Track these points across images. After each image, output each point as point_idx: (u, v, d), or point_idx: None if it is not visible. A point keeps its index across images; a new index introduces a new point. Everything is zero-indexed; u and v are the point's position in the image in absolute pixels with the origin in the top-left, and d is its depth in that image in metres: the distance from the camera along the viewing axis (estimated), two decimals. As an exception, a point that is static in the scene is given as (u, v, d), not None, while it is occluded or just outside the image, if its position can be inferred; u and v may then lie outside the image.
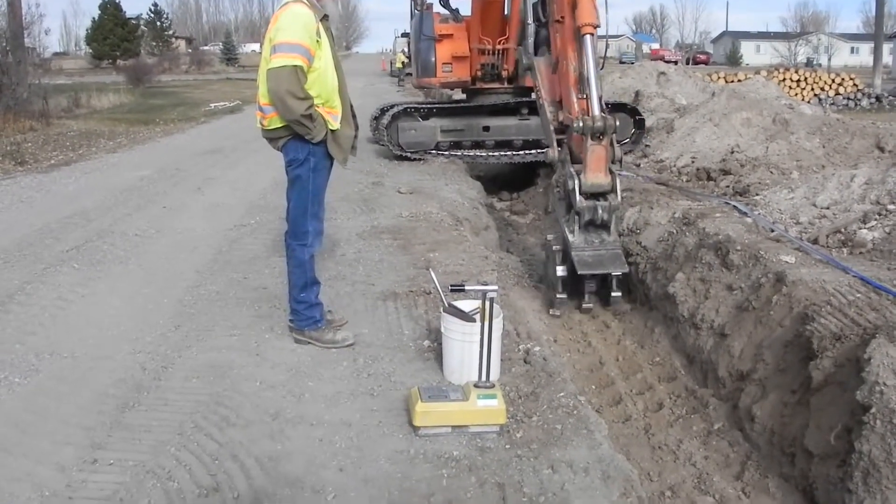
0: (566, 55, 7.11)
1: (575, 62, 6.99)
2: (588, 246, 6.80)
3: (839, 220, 6.91)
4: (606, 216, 6.77)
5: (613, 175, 6.78)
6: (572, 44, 7.01)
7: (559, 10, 7.24)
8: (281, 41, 4.54)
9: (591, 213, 6.73)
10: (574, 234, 6.81)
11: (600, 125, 6.61)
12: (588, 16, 6.77)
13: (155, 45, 70.72)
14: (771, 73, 32.12)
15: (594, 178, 6.72)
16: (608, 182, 6.75)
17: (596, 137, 6.67)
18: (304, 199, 4.83)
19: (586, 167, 6.71)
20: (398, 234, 7.70)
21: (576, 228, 6.81)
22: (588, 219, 6.76)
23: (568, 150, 7.16)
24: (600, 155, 6.71)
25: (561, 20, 7.21)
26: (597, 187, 6.74)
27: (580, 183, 6.71)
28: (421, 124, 12.59)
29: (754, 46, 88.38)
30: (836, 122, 11.61)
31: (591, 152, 6.68)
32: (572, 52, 7.01)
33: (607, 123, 6.64)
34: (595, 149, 6.69)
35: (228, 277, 6.51)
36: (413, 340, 5.11)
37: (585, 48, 6.75)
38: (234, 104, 27.69)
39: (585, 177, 6.72)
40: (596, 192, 6.77)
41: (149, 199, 9.98)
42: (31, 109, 20.03)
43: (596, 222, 6.80)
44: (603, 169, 6.74)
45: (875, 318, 4.78)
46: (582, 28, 6.76)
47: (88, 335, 5.31)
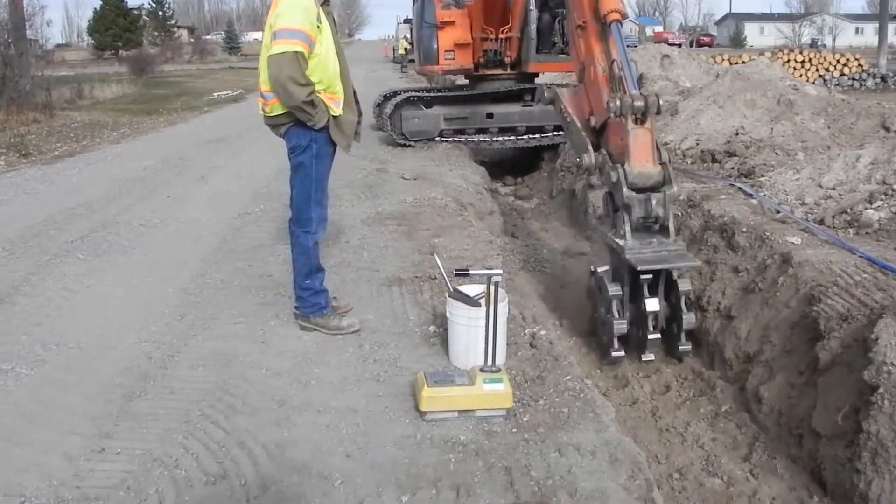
0: (593, 58, 6.21)
1: (603, 62, 6.10)
2: (644, 247, 5.45)
3: (845, 200, 6.88)
4: (662, 211, 5.41)
5: (665, 164, 5.52)
6: (599, 44, 6.22)
7: (580, 16, 6.47)
8: (281, 27, 4.51)
9: (643, 208, 5.40)
10: (625, 238, 5.44)
11: (641, 103, 5.44)
12: (613, 2, 6.02)
13: (157, 36, 70.58)
14: (775, 54, 31.94)
15: (641, 166, 5.46)
16: (658, 172, 5.49)
17: (637, 119, 5.52)
18: (307, 185, 4.82)
19: (629, 156, 5.47)
20: (403, 220, 7.69)
21: (626, 229, 5.43)
22: (639, 215, 5.42)
23: (607, 154, 5.85)
24: (645, 140, 5.51)
25: (582, 25, 6.43)
26: (645, 178, 5.46)
27: (625, 174, 5.45)
28: (424, 112, 12.57)
29: (758, 28, 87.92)
30: (842, 102, 11.53)
31: (633, 137, 5.47)
32: (600, 53, 6.18)
33: (649, 101, 5.46)
34: (638, 133, 5.48)
35: (233, 266, 6.51)
36: (419, 326, 5.11)
37: (614, 37, 5.97)
38: (237, 93, 27.70)
39: (630, 166, 5.45)
40: (645, 186, 5.48)
41: (153, 188, 9.98)
42: (34, 101, 20.08)
43: (649, 219, 5.46)
44: (650, 156, 5.51)
45: (882, 297, 4.77)
46: (608, 16, 5.97)
47: (94, 325, 5.31)
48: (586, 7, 6.30)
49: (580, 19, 6.40)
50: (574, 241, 8.82)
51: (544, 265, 7.98)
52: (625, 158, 5.51)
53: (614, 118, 5.68)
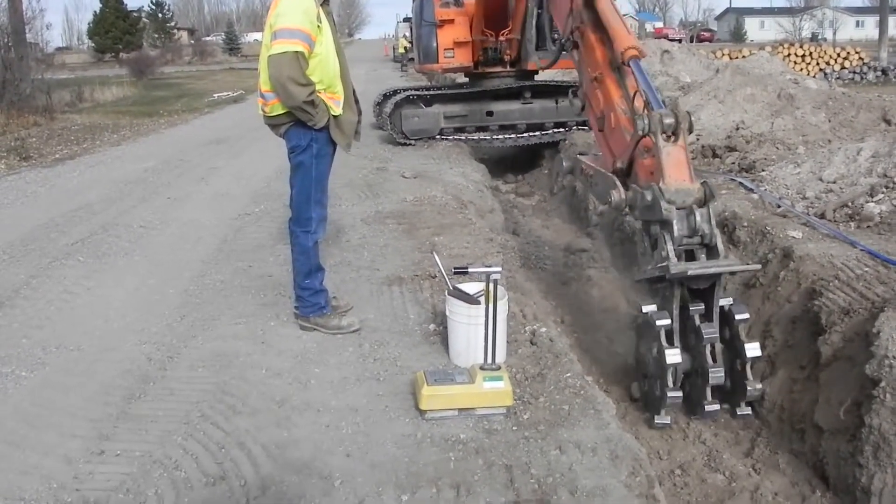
0: (612, 106, 5.71)
1: (624, 105, 5.59)
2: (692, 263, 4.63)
3: (846, 194, 6.87)
4: (707, 227, 4.61)
5: (705, 182, 4.76)
6: (617, 91, 5.70)
7: (593, 70, 6.02)
8: (281, 27, 4.50)
9: (686, 224, 4.61)
10: (668, 258, 4.56)
11: (671, 121, 4.76)
12: (627, 40, 5.49)
13: (157, 38, 70.68)
14: (776, 48, 31.96)
15: (677, 183, 4.69)
16: (698, 189, 4.70)
17: (668, 137, 4.82)
18: (307, 185, 4.81)
19: (664, 174, 4.73)
20: (403, 219, 7.68)
21: (669, 248, 4.57)
22: (683, 233, 4.61)
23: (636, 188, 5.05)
24: (679, 157, 4.79)
25: (598, 77, 5.96)
26: (684, 195, 4.66)
27: (661, 190, 4.66)
28: (424, 111, 12.55)
29: (758, 22, 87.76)
30: (842, 95, 11.54)
31: (665, 154, 4.76)
32: (619, 98, 5.67)
33: (680, 115, 4.80)
34: (670, 150, 4.78)
35: (233, 266, 6.50)
36: (419, 324, 5.10)
37: (635, 72, 5.36)
38: (238, 94, 27.70)
39: (665, 184, 4.69)
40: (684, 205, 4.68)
41: (153, 190, 9.98)
42: (34, 105, 20.09)
43: (694, 237, 4.65)
44: (687, 174, 4.76)
45: (883, 291, 4.77)
46: (625, 52, 5.41)
47: (94, 327, 5.31)
48: (600, 59, 5.92)
49: (595, 72, 6.01)
50: (575, 238, 8.80)
51: (545, 262, 7.97)
52: (658, 180, 4.80)
53: (640, 148, 5.15)
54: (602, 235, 8.45)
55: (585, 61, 6.21)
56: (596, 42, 5.97)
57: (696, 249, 4.70)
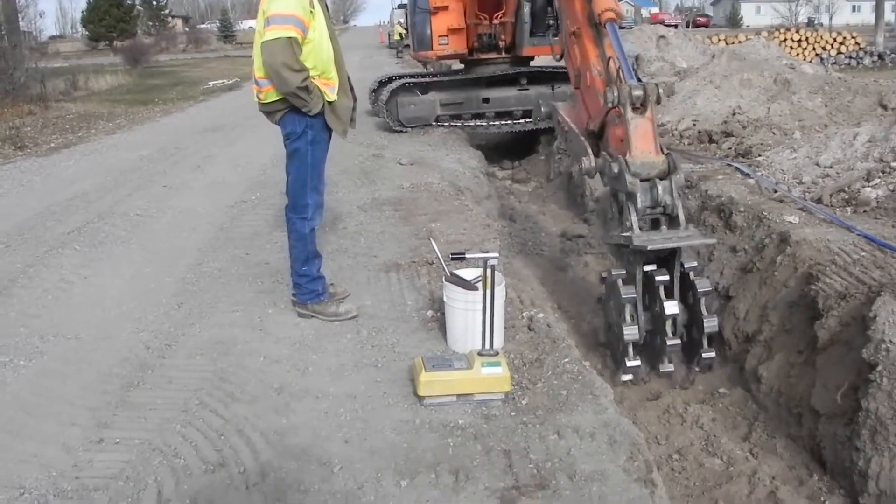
0: (589, 63, 5.91)
1: (600, 66, 5.76)
2: (654, 234, 5.00)
3: (842, 178, 6.86)
4: (670, 199, 4.96)
5: (669, 154, 5.11)
6: (594, 49, 5.92)
7: (573, 23, 6.21)
8: (274, 13, 4.48)
9: (649, 196, 4.97)
10: (632, 229, 4.94)
11: (639, 92, 5.05)
12: (607, 2, 5.68)
13: (152, 25, 70.26)
14: (772, 33, 31.84)
15: (643, 156, 5.03)
16: (662, 161, 5.04)
17: (637, 108, 5.11)
18: (303, 172, 4.80)
19: (630, 146, 5.06)
20: (399, 206, 7.68)
21: (633, 220, 4.94)
22: (646, 204, 4.97)
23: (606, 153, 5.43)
24: (646, 129, 5.10)
25: (576, 31, 6.15)
26: (649, 167, 5.01)
27: (626, 163, 5.01)
28: (420, 98, 12.54)
29: (754, 7, 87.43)
30: (838, 80, 11.50)
31: (633, 126, 5.07)
32: (596, 57, 5.86)
33: (648, 88, 5.10)
34: (638, 122, 5.08)
35: (230, 254, 6.50)
36: (416, 311, 5.11)
37: (610, 36, 5.57)
38: (233, 81, 27.59)
39: (632, 156, 5.03)
40: (649, 177, 5.03)
41: (149, 178, 9.96)
42: (28, 93, 20.05)
43: (657, 208, 5.01)
44: (652, 145, 5.09)
45: (880, 275, 4.77)
46: (602, 15, 5.61)
47: (92, 316, 5.31)
48: (579, 13, 6.07)
49: (574, 26, 6.19)
50: (571, 224, 8.81)
51: (542, 248, 7.98)
52: (626, 150, 5.11)
53: (612, 115, 5.41)
54: (598, 221, 8.45)
55: (565, 11, 6.39)
56: None
57: (660, 218, 5.06)
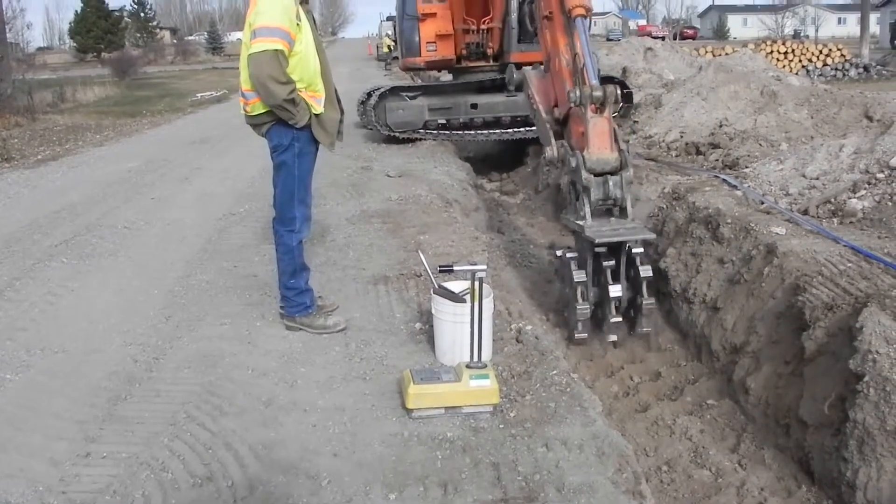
0: (558, 50, 6.45)
1: (568, 55, 6.30)
2: (603, 225, 5.74)
3: (829, 190, 6.91)
4: (619, 193, 5.75)
5: (622, 150, 5.85)
6: (564, 37, 6.41)
7: (546, 6, 6.68)
8: (260, 25, 4.49)
9: (601, 190, 5.74)
10: (585, 219, 5.72)
11: (599, 94, 5.74)
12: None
13: (139, 37, 70.13)
14: (759, 45, 32.10)
15: (599, 152, 5.79)
16: (616, 157, 5.80)
17: (596, 109, 5.85)
18: (290, 184, 4.80)
19: (588, 143, 5.81)
20: (388, 218, 7.67)
21: (586, 211, 5.72)
22: (598, 196, 5.75)
23: (569, 146, 6.24)
24: (603, 128, 5.83)
25: (549, 15, 6.65)
26: (603, 163, 5.78)
27: (584, 159, 5.76)
28: (408, 104, 12.54)
29: (741, 20, 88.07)
30: (824, 92, 11.59)
31: (592, 125, 5.81)
32: (564, 46, 6.37)
33: (607, 91, 5.76)
34: (596, 121, 5.82)
35: (218, 266, 6.48)
36: (404, 323, 5.10)
37: (578, 31, 6.13)
38: (221, 93, 27.58)
39: (589, 152, 5.78)
40: (603, 171, 5.81)
41: (137, 190, 9.93)
42: (16, 105, 20.00)
43: (608, 201, 5.81)
44: (608, 143, 5.83)
45: (866, 286, 4.79)
46: (573, 10, 6.15)
47: (79, 329, 5.28)
48: None
49: (547, 10, 6.66)
50: (560, 237, 8.82)
51: (530, 260, 7.99)
52: (584, 146, 5.86)
53: (575, 108, 6.02)
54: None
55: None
56: None
57: (611, 208, 5.84)
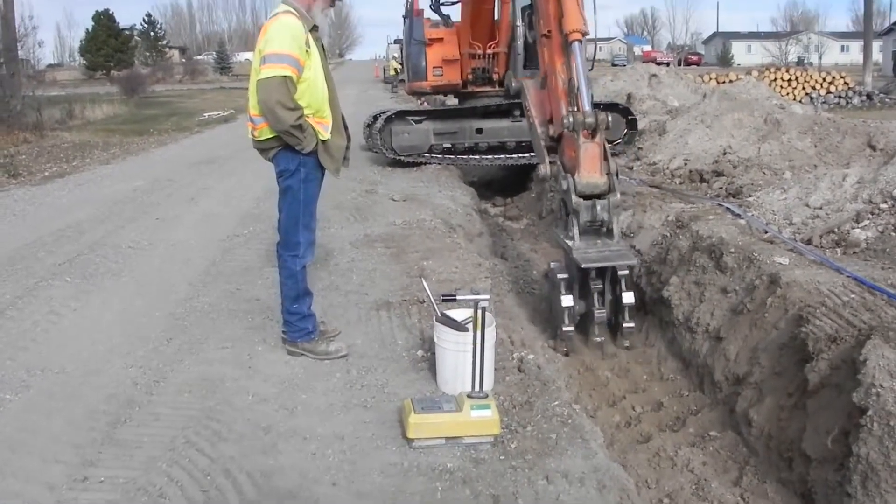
0: (555, 69, 6.72)
1: (564, 75, 6.58)
2: (590, 247, 6.11)
3: (832, 220, 6.90)
4: (606, 215, 6.11)
5: (611, 175, 6.18)
6: (560, 57, 6.64)
7: (545, 24, 6.88)
8: (270, 52, 4.53)
9: (590, 213, 6.09)
10: (574, 240, 6.11)
11: (591, 120, 6.13)
12: (575, 22, 6.45)
13: (149, 56, 70.63)
14: (762, 73, 32.14)
15: (589, 177, 6.13)
16: (604, 182, 6.15)
17: (588, 135, 6.19)
18: (295, 210, 4.81)
19: (579, 167, 6.15)
20: (391, 243, 7.67)
21: (575, 232, 6.11)
22: (586, 219, 6.10)
23: (561, 164, 6.58)
24: (594, 153, 6.17)
25: (548, 34, 6.85)
26: (592, 187, 6.13)
27: (574, 183, 6.14)
28: (414, 127, 12.58)
29: (745, 46, 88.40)
30: (828, 121, 11.60)
31: (583, 150, 6.14)
32: (561, 66, 6.64)
33: (599, 118, 6.15)
34: (588, 146, 6.15)
35: (221, 289, 6.48)
36: (406, 350, 5.08)
37: (574, 55, 6.39)
38: (228, 113, 27.66)
39: (580, 176, 6.14)
40: (593, 194, 6.16)
41: (142, 210, 9.95)
42: (24, 121, 20.08)
43: (595, 223, 6.15)
44: (598, 168, 6.18)
45: (870, 318, 4.77)
46: (570, 35, 6.42)
47: (80, 350, 5.27)
48: (552, 17, 6.67)
49: (546, 28, 6.87)
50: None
51: (533, 286, 7.97)
52: (575, 169, 6.19)
53: (568, 132, 6.33)
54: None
55: (540, 11, 7.05)
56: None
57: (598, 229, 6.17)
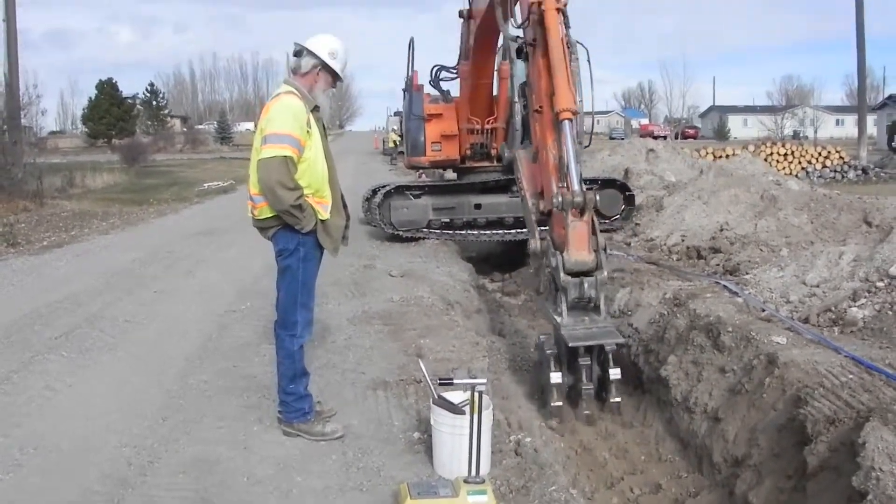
0: (546, 144, 6.89)
1: (555, 151, 6.73)
2: (578, 324, 6.25)
3: (829, 298, 6.93)
4: (594, 293, 6.26)
5: (598, 252, 6.37)
6: (551, 132, 6.80)
7: (537, 100, 7.08)
8: (271, 132, 4.61)
9: (578, 290, 6.24)
10: (562, 316, 6.26)
11: (580, 199, 6.30)
12: (566, 101, 6.61)
13: (150, 125, 71.42)
14: (758, 147, 32.51)
15: (577, 255, 6.31)
16: (592, 259, 6.33)
17: (576, 214, 6.37)
18: (293, 289, 4.84)
19: (568, 245, 6.33)
20: (389, 320, 7.67)
21: (563, 309, 6.25)
22: (574, 296, 6.24)
23: (551, 239, 6.76)
24: (582, 232, 6.37)
25: (539, 110, 7.05)
26: (580, 265, 6.30)
27: (563, 260, 6.29)
28: (413, 203, 12.68)
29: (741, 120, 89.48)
30: (823, 197, 11.73)
31: (572, 229, 6.34)
32: (552, 142, 6.79)
33: (587, 198, 6.33)
34: (576, 225, 6.35)
35: (218, 366, 6.46)
36: (403, 432, 5.04)
37: (564, 133, 6.56)
38: (228, 183, 27.87)
39: (568, 254, 6.30)
40: (581, 271, 6.32)
41: (140, 282, 9.97)
42: (25, 189, 20.15)
43: (583, 300, 6.29)
44: (586, 246, 6.36)
45: (868, 399, 4.77)
46: (560, 114, 6.59)
47: (75, 426, 5.23)
48: (544, 93, 6.87)
49: (538, 103, 7.08)
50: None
51: (531, 364, 7.93)
52: (564, 246, 6.35)
53: (557, 211, 6.49)
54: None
55: (533, 87, 7.24)
56: (543, 69, 6.96)
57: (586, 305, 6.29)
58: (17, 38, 22.49)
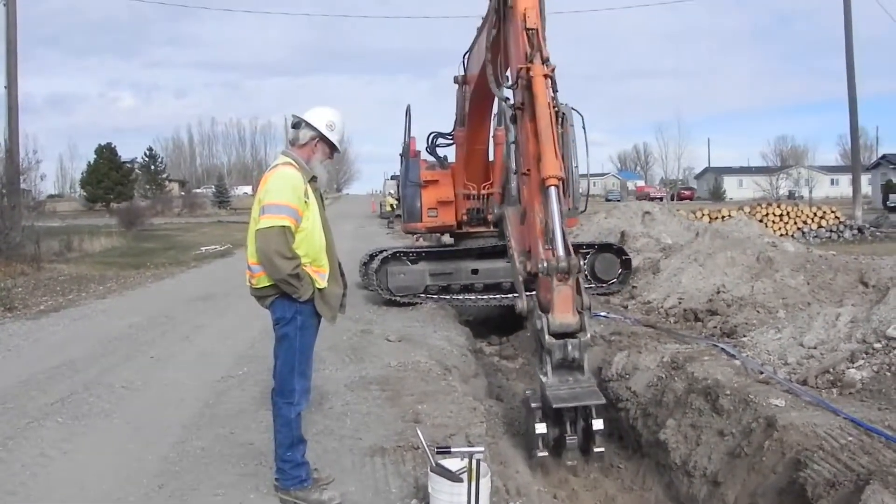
0: (533, 207, 7.04)
1: (541, 214, 6.88)
2: (562, 384, 6.33)
3: (827, 359, 6.94)
4: (577, 354, 6.36)
5: (582, 314, 6.50)
6: (538, 196, 6.93)
7: (525, 163, 7.24)
8: (269, 202, 4.68)
9: (562, 352, 6.34)
10: (547, 376, 6.35)
11: (564, 265, 6.46)
12: (551, 168, 6.77)
13: (149, 188, 71.87)
14: (754, 208, 32.73)
15: (562, 318, 6.45)
16: (576, 321, 6.46)
17: (561, 278, 6.51)
18: (291, 357, 4.86)
19: (553, 308, 6.48)
20: (386, 385, 7.64)
21: (548, 369, 6.36)
22: (559, 357, 6.34)
23: (537, 300, 6.89)
24: (566, 295, 6.51)
25: (527, 173, 7.21)
26: (565, 327, 6.43)
27: (548, 322, 6.42)
28: (410, 268, 12.71)
29: (737, 181, 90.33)
30: (819, 258, 11.79)
31: (556, 292, 6.50)
32: (538, 205, 6.92)
33: (571, 263, 6.49)
34: (561, 289, 6.51)
35: (215, 433, 6.42)
36: (401, 499, 5.00)
37: (550, 199, 6.71)
38: (225, 247, 27.92)
39: (553, 317, 6.44)
40: (565, 333, 6.43)
41: (137, 348, 9.95)
42: (23, 253, 20.11)
43: (567, 361, 6.37)
44: (570, 309, 6.51)
45: (868, 462, 4.76)
46: (546, 180, 6.76)
47: (70, 495, 5.20)
48: (532, 158, 7.03)
49: (525, 167, 7.25)
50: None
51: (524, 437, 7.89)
52: (549, 308, 6.49)
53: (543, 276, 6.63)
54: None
55: (521, 149, 7.43)
56: (531, 134, 7.12)
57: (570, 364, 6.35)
58: (18, 104, 22.75)
